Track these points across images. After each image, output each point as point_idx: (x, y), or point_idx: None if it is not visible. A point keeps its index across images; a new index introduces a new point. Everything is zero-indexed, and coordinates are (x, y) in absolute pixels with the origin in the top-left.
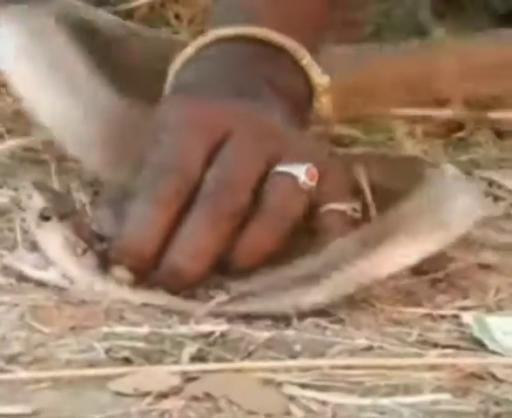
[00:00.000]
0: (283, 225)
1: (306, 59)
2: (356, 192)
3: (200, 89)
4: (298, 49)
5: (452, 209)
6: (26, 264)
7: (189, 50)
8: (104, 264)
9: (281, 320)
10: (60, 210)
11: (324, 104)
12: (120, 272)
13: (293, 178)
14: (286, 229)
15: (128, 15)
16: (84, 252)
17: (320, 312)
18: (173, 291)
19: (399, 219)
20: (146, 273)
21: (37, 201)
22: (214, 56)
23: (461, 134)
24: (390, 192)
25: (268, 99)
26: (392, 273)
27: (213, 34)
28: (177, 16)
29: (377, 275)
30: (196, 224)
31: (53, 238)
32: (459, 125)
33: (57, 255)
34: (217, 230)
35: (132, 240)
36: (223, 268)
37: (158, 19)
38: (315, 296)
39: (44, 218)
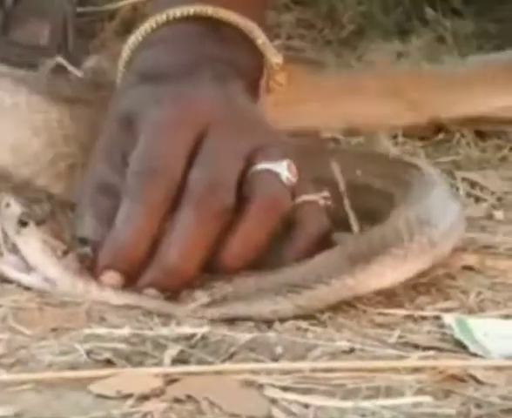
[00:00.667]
0: (272, 221)
1: (261, 39)
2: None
3: (162, 78)
4: (253, 28)
5: (439, 225)
6: (8, 266)
7: (144, 30)
8: (87, 266)
9: (263, 322)
10: (38, 215)
11: (279, 82)
12: (110, 276)
13: (277, 175)
14: (274, 225)
15: (111, 15)
16: (65, 253)
17: (302, 314)
18: (166, 290)
19: (386, 238)
20: (135, 276)
21: (15, 208)
22: (169, 37)
23: (441, 136)
24: (369, 188)
25: (231, 81)
26: (377, 289)
27: (169, 13)
28: None
29: (361, 291)
30: (185, 224)
31: (32, 243)
32: (440, 126)
33: (37, 259)
34: (206, 229)
35: (123, 245)
36: (213, 268)
37: (140, 20)
38: (296, 303)
39: (23, 224)
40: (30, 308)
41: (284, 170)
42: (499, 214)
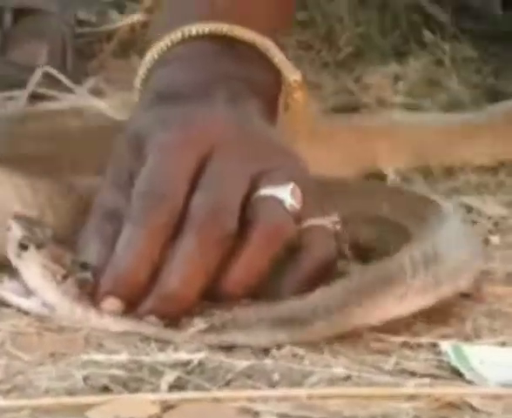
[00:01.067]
0: (274, 247)
1: (277, 57)
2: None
3: (178, 98)
4: (270, 46)
5: (448, 264)
6: (7, 291)
7: (159, 49)
8: (88, 292)
9: (260, 348)
10: (38, 239)
11: (297, 100)
12: (111, 302)
13: (280, 201)
14: (276, 251)
15: (109, 36)
16: (64, 278)
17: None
18: (166, 317)
19: (390, 274)
20: (136, 302)
21: (16, 231)
22: (185, 55)
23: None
24: (386, 221)
25: (248, 101)
26: (376, 324)
27: (184, 31)
28: None
29: (360, 325)
30: (186, 251)
31: (32, 267)
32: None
33: (37, 284)
34: (207, 256)
35: (124, 270)
36: (214, 293)
37: (139, 40)
38: (294, 337)
39: (23, 247)
40: (28, 333)
41: (288, 196)
42: (495, 239)
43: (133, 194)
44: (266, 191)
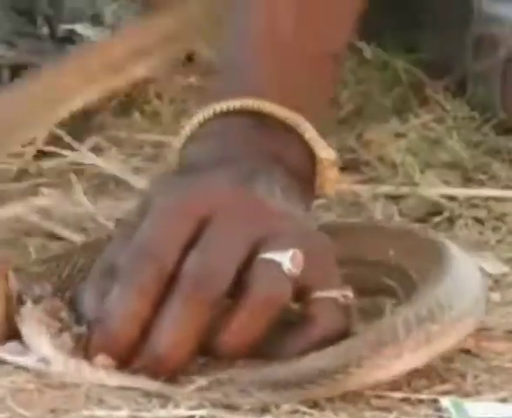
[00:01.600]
0: (269, 313)
1: (309, 133)
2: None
3: (194, 170)
4: (301, 123)
5: (442, 321)
6: (3, 351)
7: (192, 125)
8: (80, 347)
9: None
10: (35, 293)
11: (328, 178)
12: (102, 358)
13: (278, 264)
14: (271, 317)
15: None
16: (60, 332)
17: None
18: (156, 378)
19: (383, 337)
20: (127, 360)
21: (15, 286)
22: (217, 131)
23: (439, 218)
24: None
25: (271, 176)
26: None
27: (216, 107)
28: (158, 95)
29: (355, 388)
30: (174, 313)
31: (28, 321)
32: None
33: (33, 338)
34: (194, 319)
35: (112, 328)
36: (209, 352)
37: (140, 99)
38: (288, 401)
39: (21, 302)
40: (28, 389)
41: (286, 260)
42: (496, 296)
43: (124, 253)
44: (265, 255)
